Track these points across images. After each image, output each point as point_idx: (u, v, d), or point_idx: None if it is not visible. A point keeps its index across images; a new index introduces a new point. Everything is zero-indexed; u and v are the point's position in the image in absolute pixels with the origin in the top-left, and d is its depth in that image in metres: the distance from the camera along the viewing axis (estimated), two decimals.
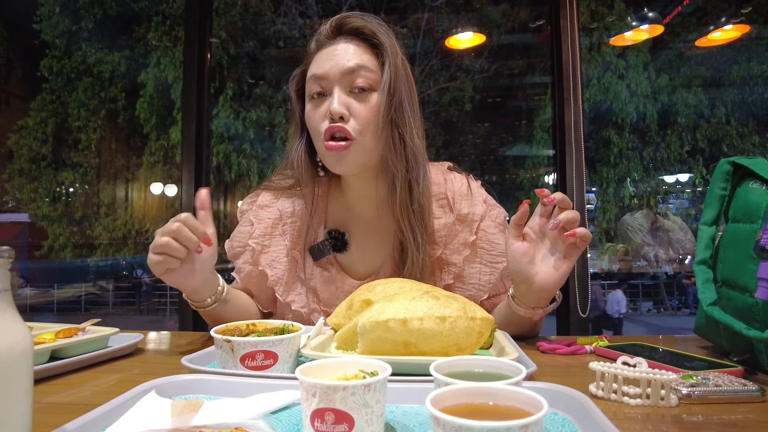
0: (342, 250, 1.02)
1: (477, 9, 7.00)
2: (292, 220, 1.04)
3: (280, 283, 1.02)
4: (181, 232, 0.78)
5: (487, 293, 0.99)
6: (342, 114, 0.90)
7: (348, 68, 0.91)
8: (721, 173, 0.84)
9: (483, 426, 0.33)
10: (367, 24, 0.95)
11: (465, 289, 1.00)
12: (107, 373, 0.76)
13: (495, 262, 0.99)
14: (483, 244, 1.00)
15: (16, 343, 0.41)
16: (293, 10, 7.20)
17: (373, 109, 0.91)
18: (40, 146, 8.59)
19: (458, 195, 1.02)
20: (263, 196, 1.08)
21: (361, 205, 1.03)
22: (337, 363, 0.51)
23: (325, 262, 1.03)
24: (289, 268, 1.03)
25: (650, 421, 0.54)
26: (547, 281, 0.82)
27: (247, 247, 1.05)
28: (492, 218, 1.01)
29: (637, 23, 4.21)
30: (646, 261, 6.37)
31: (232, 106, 7.84)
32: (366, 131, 0.91)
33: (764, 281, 0.68)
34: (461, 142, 8.16)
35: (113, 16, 8.24)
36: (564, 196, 0.81)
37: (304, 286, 1.02)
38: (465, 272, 0.99)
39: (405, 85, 0.94)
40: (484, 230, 1.00)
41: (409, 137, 0.93)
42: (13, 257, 0.43)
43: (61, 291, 8.36)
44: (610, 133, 7.95)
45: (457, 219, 1.00)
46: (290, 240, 1.03)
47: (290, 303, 1.02)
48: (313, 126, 0.95)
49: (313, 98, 0.94)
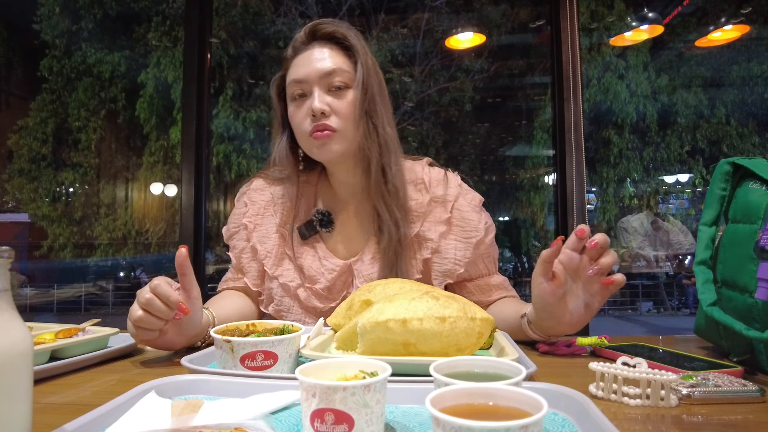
0: (328, 227, 1.11)
1: (477, 9, 7.00)
2: (283, 201, 1.14)
3: (269, 257, 1.10)
4: (152, 304, 0.75)
5: (463, 267, 1.05)
6: (323, 110, 0.99)
7: (325, 71, 1.01)
8: (720, 174, 0.84)
9: (483, 426, 0.33)
10: (338, 29, 1.04)
11: (442, 263, 1.06)
12: (107, 373, 0.76)
13: (469, 238, 1.06)
14: (457, 222, 1.08)
15: (15, 344, 0.41)
16: (293, 11, 7.20)
17: (350, 104, 1.02)
18: (40, 146, 8.59)
19: (434, 180, 1.11)
20: (257, 182, 1.19)
21: (344, 191, 1.13)
22: (337, 363, 0.51)
23: (312, 241, 1.11)
24: (278, 244, 1.11)
25: (650, 421, 0.54)
26: (575, 321, 0.81)
27: (241, 226, 1.14)
28: (467, 200, 1.10)
29: (637, 23, 4.22)
30: (646, 261, 6.37)
31: (232, 106, 7.84)
32: (345, 123, 1.01)
33: (764, 282, 0.68)
34: (461, 142, 8.16)
35: (113, 16, 8.24)
36: (605, 239, 0.76)
37: (292, 262, 1.10)
38: (441, 247, 1.06)
39: (375, 81, 1.04)
40: (458, 209, 1.08)
41: (381, 126, 1.03)
42: (13, 257, 0.43)
43: (60, 291, 8.36)
44: (610, 133, 7.95)
45: (432, 199, 1.09)
46: (280, 218, 1.12)
47: (278, 276, 1.09)
48: (296, 123, 1.04)
49: (295, 99, 1.04)
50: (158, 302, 0.75)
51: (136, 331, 0.78)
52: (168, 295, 0.75)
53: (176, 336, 0.81)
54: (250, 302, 1.13)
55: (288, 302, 1.09)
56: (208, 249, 6.51)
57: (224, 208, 8.62)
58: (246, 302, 1.12)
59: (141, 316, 0.76)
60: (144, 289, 0.77)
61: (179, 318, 0.79)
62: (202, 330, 0.86)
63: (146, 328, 0.77)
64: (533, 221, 7.98)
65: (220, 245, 8.56)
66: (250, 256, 1.12)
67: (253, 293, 1.14)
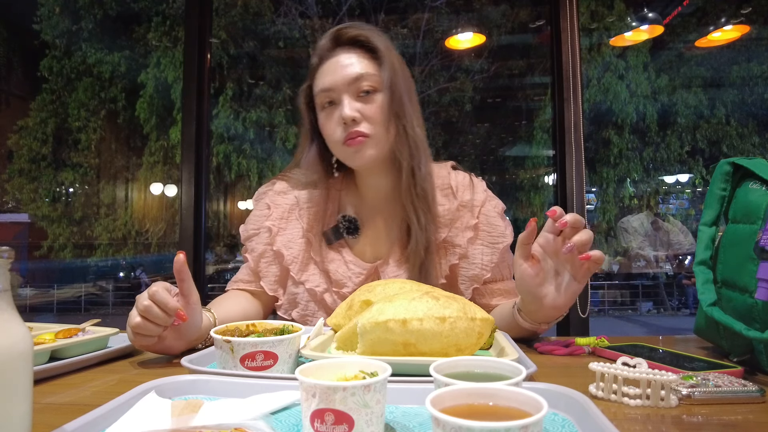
0: (354, 234, 1.10)
1: (477, 9, 7.01)
2: (308, 206, 1.12)
3: (295, 262, 1.08)
4: (150, 311, 0.75)
5: (490, 272, 1.05)
6: (354, 117, 0.98)
7: (352, 77, 0.99)
8: (720, 174, 0.84)
9: (483, 426, 0.33)
10: (361, 32, 1.03)
11: (469, 268, 1.06)
12: (107, 373, 0.76)
13: (495, 243, 1.06)
14: (484, 227, 1.07)
15: (15, 344, 0.41)
16: (293, 11, 7.20)
17: (380, 108, 1.00)
18: (40, 146, 8.59)
19: (461, 185, 1.11)
20: (280, 184, 1.16)
21: (372, 196, 1.12)
22: (337, 363, 0.51)
23: (338, 246, 1.10)
24: (304, 249, 1.09)
25: (650, 421, 0.54)
26: (558, 302, 0.82)
27: (262, 228, 1.12)
28: (492, 205, 1.09)
29: (637, 23, 4.21)
30: (646, 261, 6.37)
31: (232, 107, 7.85)
32: (377, 128, 1.00)
33: (764, 282, 0.68)
34: (461, 143, 8.16)
35: (113, 16, 8.25)
36: (577, 217, 0.78)
37: (318, 267, 1.08)
38: (469, 252, 1.06)
39: (402, 81, 1.03)
40: (485, 214, 1.08)
41: (410, 128, 1.02)
42: (13, 257, 0.43)
43: (60, 291, 8.36)
44: (609, 133, 7.96)
45: (460, 204, 1.08)
46: (306, 223, 1.10)
47: (304, 282, 1.07)
48: (328, 133, 1.03)
49: (325, 108, 1.03)
50: (156, 309, 0.75)
51: (135, 337, 0.78)
52: (166, 302, 0.75)
53: (175, 341, 0.81)
54: (257, 305, 1.12)
55: (313, 307, 1.08)
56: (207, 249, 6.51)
57: (224, 208, 8.62)
58: (252, 305, 1.11)
59: (139, 323, 0.75)
60: (142, 295, 0.77)
61: (177, 324, 0.79)
62: (202, 334, 0.86)
63: (144, 334, 0.77)
64: None
65: (220, 245, 8.56)
66: (269, 260, 1.10)
67: (264, 297, 1.12)
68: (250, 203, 3.67)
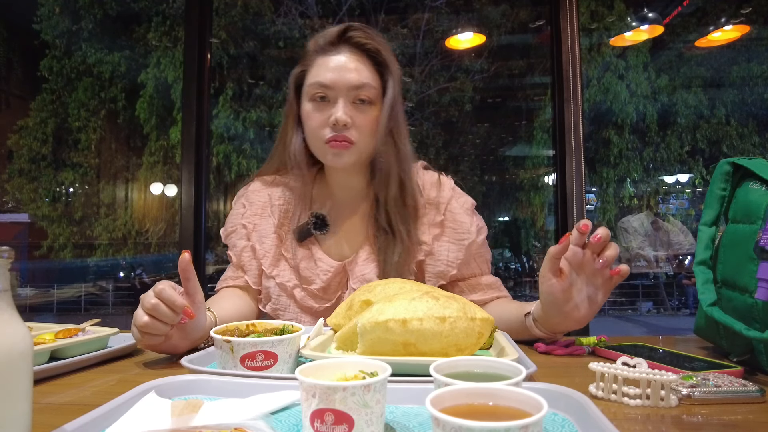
0: (323, 230, 1.11)
1: (477, 9, 7.01)
2: (280, 203, 1.15)
3: (267, 257, 1.11)
4: (157, 309, 0.75)
5: (456, 268, 1.07)
6: (346, 122, 0.99)
7: (354, 84, 1.00)
8: (720, 174, 0.84)
9: (483, 426, 0.33)
10: (371, 42, 1.03)
11: (435, 265, 1.07)
12: (107, 373, 0.76)
13: (461, 240, 1.08)
14: (450, 224, 1.09)
15: (15, 344, 0.41)
16: (293, 11, 7.20)
17: (373, 121, 1.03)
18: (40, 146, 8.58)
19: (428, 183, 1.13)
20: (255, 184, 1.20)
21: (343, 194, 1.14)
22: (337, 363, 0.51)
23: (308, 242, 1.12)
24: (275, 244, 1.12)
25: (650, 421, 0.54)
26: (583, 315, 0.82)
27: (238, 225, 1.15)
28: (459, 203, 1.11)
29: (637, 23, 4.22)
30: (646, 261, 6.37)
31: (232, 107, 7.84)
32: (364, 137, 1.02)
33: (764, 282, 0.68)
34: (461, 143, 8.16)
35: (113, 16, 8.24)
36: (607, 232, 0.79)
37: (288, 263, 1.11)
38: (434, 249, 1.08)
39: (400, 99, 1.06)
40: (450, 211, 1.10)
41: (402, 143, 1.05)
42: (13, 257, 0.43)
43: (60, 291, 8.35)
44: (609, 133, 7.95)
45: (426, 202, 1.11)
46: (277, 219, 1.14)
47: (275, 276, 1.10)
48: (312, 126, 1.03)
49: (315, 101, 1.03)
50: (164, 307, 0.75)
51: (142, 336, 0.77)
52: (173, 300, 0.75)
53: (181, 340, 0.81)
54: (249, 301, 1.13)
55: (285, 301, 1.10)
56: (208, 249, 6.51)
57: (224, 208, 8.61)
58: (245, 302, 1.12)
59: (147, 322, 0.75)
60: (148, 294, 0.77)
61: (185, 322, 0.79)
62: (205, 333, 0.86)
63: (152, 333, 0.77)
64: (533, 221, 7.98)
65: (220, 245, 8.56)
66: (250, 254, 1.13)
67: (253, 291, 1.14)
68: None
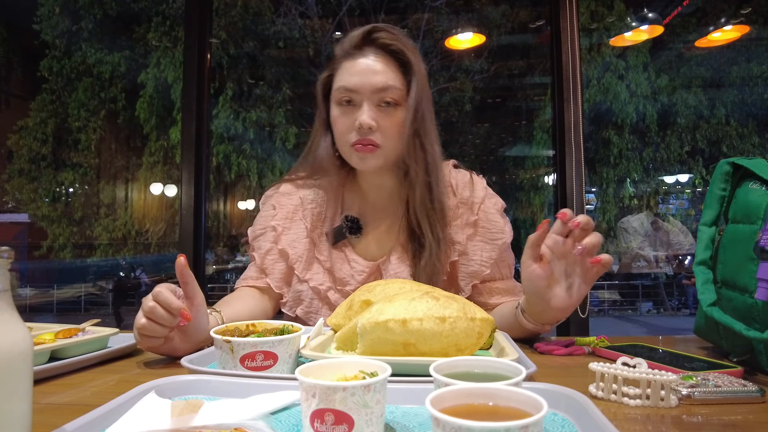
0: (357, 234, 1.11)
1: (477, 9, 7.01)
2: (312, 206, 1.14)
3: (300, 261, 1.10)
4: (154, 312, 0.75)
5: (489, 268, 1.06)
6: (371, 126, 0.99)
7: (378, 87, 1.00)
8: (720, 174, 0.84)
9: (483, 427, 0.33)
10: (396, 43, 1.03)
11: (469, 264, 1.07)
12: (107, 373, 0.76)
13: (495, 239, 1.07)
14: (483, 223, 1.08)
15: (15, 344, 0.41)
16: (293, 11, 7.20)
17: (399, 123, 1.02)
18: (40, 146, 8.59)
19: (461, 183, 1.12)
20: (285, 186, 1.19)
21: (375, 195, 1.14)
22: (337, 364, 0.51)
23: (341, 245, 1.12)
24: (308, 248, 1.12)
25: (650, 421, 0.54)
26: (565, 304, 0.82)
27: (268, 227, 1.14)
28: (492, 203, 1.10)
29: (637, 24, 4.22)
30: (646, 262, 6.37)
31: (232, 107, 7.85)
32: (390, 140, 1.02)
33: (764, 282, 0.68)
34: (461, 143, 8.16)
35: (113, 16, 8.24)
36: (588, 219, 0.78)
37: (322, 266, 1.11)
38: (468, 249, 1.07)
39: (426, 98, 1.05)
40: (484, 211, 1.09)
41: (429, 144, 1.04)
42: (13, 257, 0.43)
43: (60, 291, 8.35)
44: (609, 133, 7.96)
45: (459, 202, 1.10)
46: (310, 223, 1.13)
47: (308, 280, 1.09)
48: (339, 130, 1.04)
49: (342, 105, 1.03)
50: (160, 310, 0.75)
51: (141, 338, 0.78)
52: (169, 303, 0.76)
53: (182, 343, 0.82)
54: (265, 302, 1.13)
55: (317, 304, 1.09)
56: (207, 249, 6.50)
57: (224, 208, 8.61)
58: (260, 303, 1.12)
59: (144, 324, 0.76)
60: (147, 297, 0.77)
61: (183, 324, 0.79)
62: (208, 336, 0.85)
63: (150, 335, 0.77)
64: (533, 221, 7.98)
65: (220, 245, 8.56)
66: (275, 257, 1.12)
67: (272, 293, 1.13)
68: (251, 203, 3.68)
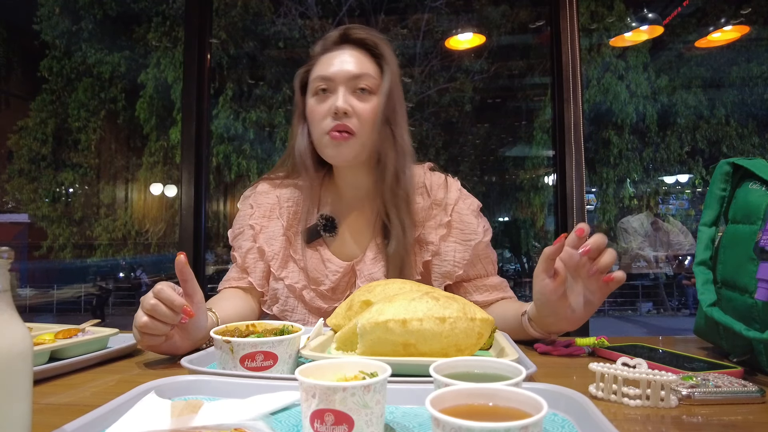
0: (332, 232, 1.13)
1: (477, 10, 7.01)
2: (288, 204, 1.16)
3: (276, 259, 1.12)
4: (157, 309, 0.75)
5: (462, 269, 1.08)
6: (346, 110, 1.01)
7: (353, 73, 1.03)
8: (720, 174, 0.84)
9: (483, 427, 0.33)
10: (370, 36, 1.08)
11: (442, 265, 1.09)
12: (107, 373, 0.76)
13: (468, 240, 1.09)
14: (457, 224, 1.10)
15: (15, 344, 0.41)
16: (293, 11, 7.20)
17: (373, 110, 1.04)
18: (40, 146, 8.58)
19: (435, 184, 1.14)
20: (262, 185, 1.20)
21: (351, 194, 1.15)
22: (337, 364, 0.51)
23: (316, 244, 1.13)
24: (284, 246, 1.13)
25: (650, 422, 0.54)
26: (575, 318, 0.83)
27: (246, 226, 1.16)
28: (466, 204, 1.12)
29: (637, 24, 4.22)
30: (646, 262, 6.37)
31: (232, 107, 7.84)
32: (365, 127, 1.04)
33: (764, 282, 0.68)
34: (461, 143, 8.15)
35: (113, 17, 8.24)
36: (601, 239, 0.78)
37: (297, 264, 1.12)
38: (441, 249, 1.09)
39: (398, 91, 1.08)
40: (457, 212, 1.10)
41: (399, 134, 1.07)
42: (13, 258, 0.43)
43: (60, 291, 8.35)
44: (609, 133, 7.95)
45: (433, 203, 1.12)
46: (286, 221, 1.14)
47: (284, 278, 1.11)
48: (315, 119, 1.06)
49: (318, 94, 1.06)
50: (163, 307, 0.75)
51: (142, 337, 0.78)
52: (172, 300, 0.76)
53: (182, 341, 0.82)
54: (250, 302, 1.13)
55: (293, 303, 1.11)
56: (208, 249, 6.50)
57: (224, 209, 8.61)
58: (246, 302, 1.12)
59: (146, 322, 0.76)
60: (147, 295, 0.77)
61: (185, 321, 0.79)
62: (207, 334, 0.86)
63: (152, 333, 0.77)
64: (533, 222, 7.97)
65: (220, 246, 8.56)
66: (256, 256, 1.13)
67: (256, 293, 1.15)
68: None
